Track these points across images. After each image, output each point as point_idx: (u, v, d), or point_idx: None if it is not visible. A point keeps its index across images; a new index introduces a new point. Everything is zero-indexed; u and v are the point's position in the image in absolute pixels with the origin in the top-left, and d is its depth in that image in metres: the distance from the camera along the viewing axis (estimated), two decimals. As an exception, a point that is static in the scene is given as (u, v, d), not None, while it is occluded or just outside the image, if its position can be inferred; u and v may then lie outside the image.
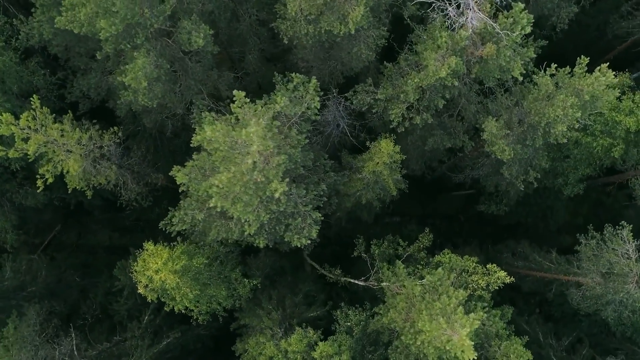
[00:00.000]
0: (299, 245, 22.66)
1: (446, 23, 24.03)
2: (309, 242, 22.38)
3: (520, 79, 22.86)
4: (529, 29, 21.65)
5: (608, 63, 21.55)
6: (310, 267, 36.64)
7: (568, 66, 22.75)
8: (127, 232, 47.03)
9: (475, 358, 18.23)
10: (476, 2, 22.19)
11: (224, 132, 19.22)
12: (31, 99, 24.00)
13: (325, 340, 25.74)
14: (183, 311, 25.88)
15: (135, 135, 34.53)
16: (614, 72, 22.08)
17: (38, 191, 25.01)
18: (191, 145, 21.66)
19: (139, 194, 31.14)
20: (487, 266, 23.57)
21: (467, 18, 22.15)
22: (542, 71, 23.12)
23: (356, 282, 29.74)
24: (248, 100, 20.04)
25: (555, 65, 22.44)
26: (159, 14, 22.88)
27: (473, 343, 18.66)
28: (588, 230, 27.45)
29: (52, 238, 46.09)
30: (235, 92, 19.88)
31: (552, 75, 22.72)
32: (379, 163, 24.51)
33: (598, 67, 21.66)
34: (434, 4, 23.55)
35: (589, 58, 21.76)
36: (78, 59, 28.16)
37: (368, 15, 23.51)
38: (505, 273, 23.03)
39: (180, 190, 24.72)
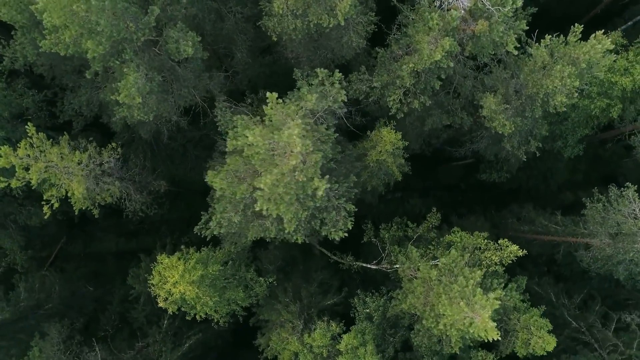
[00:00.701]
0: (337, 238, 22.63)
1: (435, 2, 23.77)
2: (345, 235, 22.36)
3: (515, 53, 22.76)
4: (520, 3, 21.46)
5: (603, 30, 21.41)
6: (320, 253, 37.03)
7: (562, 35, 22.62)
8: (133, 236, 47.15)
9: (500, 337, 18.68)
10: (464, -20, 21.92)
11: (264, 136, 19.04)
12: (26, 126, 23.77)
13: (347, 329, 26.21)
14: (204, 316, 26.26)
15: (130, 144, 34.25)
16: (604, 31, 21.98)
17: (45, 217, 24.94)
18: (226, 150, 21.52)
19: (144, 203, 31.15)
20: (499, 241, 23.89)
21: (457, -3, 21.91)
22: (536, 42, 22.98)
23: (369, 266, 30.12)
24: (280, 100, 19.87)
25: (549, 35, 22.30)
26: (144, 26, 22.46)
27: (495, 324, 19.09)
28: (593, 192, 27.73)
29: (59, 250, 46.15)
30: (268, 94, 19.76)
31: (546, 46, 22.60)
32: (382, 152, 24.53)
33: (593, 35, 21.56)
34: (420, -16, 23.24)
35: (582, 26, 21.62)
36: (65, 77, 27.72)
37: (356, 4, 23.18)
38: (517, 247, 23.37)
39: (213, 196, 24.34)
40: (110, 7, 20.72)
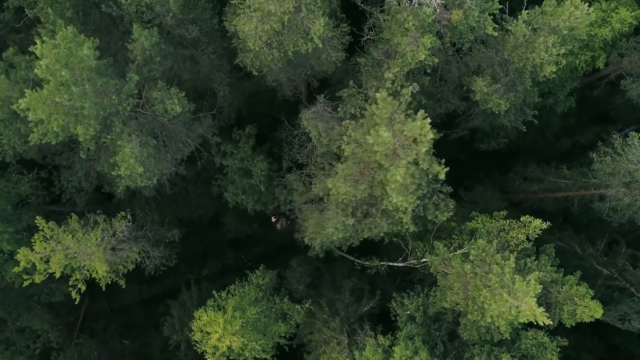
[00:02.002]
0: (443, 220, 23.08)
1: (405, 0, 23.63)
2: (450, 214, 22.83)
3: (495, 34, 22.78)
4: (489, -14, 21.43)
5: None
6: (342, 259, 37.34)
7: (537, 6, 22.63)
8: (154, 281, 47.10)
9: (552, 322, 19.04)
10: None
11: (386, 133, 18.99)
12: (35, 220, 23.71)
13: (389, 331, 26.61)
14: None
15: (132, 200, 34.20)
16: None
17: (76, 302, 25.00)
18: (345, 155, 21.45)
19: (162, 257, 31.18)
20: (521, 219, 24.19)
21: (427, -6, 21.80)
22: (513, 17, 23.01)
23: (396, 264, 30.41)
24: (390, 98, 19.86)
25: (527, 11, 22.32)
26: (126, 95, 22.28)
27: (542, 308, 19.47)
28: (598, 147, 28.02)
29: (85, 312, 46.22)
30: (377, 94, 19.84)
31: (524, 21, 22.62)
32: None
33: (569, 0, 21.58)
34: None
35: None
36: (57, 156, 27.48)
37: (329, 23, 23.03)
38: (540, 220, 23.71)
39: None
40: (91, 89, 20.51)
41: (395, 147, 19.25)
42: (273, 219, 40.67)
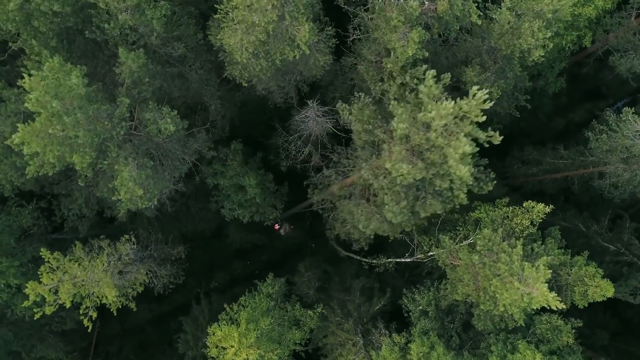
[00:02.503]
0: (489, 190, 22.97)
1: (387, -3, 23.59)
2: (491, 187, 22.81)
3: (480, 22, 22.80)
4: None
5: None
6: (349, 259, 37.38)
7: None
8: (163, 298, 46.94)
9: (565, 306, 19.03)
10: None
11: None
12: (40, 252, 23.68)
13: (404, 327, 26.66)
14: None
15: (133, 220, 34.13)
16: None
17: (88, 331, 24.96)
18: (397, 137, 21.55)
19: (170, 275, 31.14)
20: (524, 204, 24.21)
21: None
22: (497, 6, 23.01)
23: (403, 260, 30.46)
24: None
25: (509, -2, 22.33)
26: (119, 119, 22.23)
27: (555, 293, 19.50)
28: (592, 125, 28.07)
29: (97, 336, 46.14)
30: (428, 73, 20.09)
31: (508, 8, 22.63)
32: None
33: (550, -19, 21.58)
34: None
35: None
36: (56, 187, 27.43)
37: (313, 28, 23.01)
38: (543, 204, 23.74)
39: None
40: (83, 117, 20.46)
41: (449, 123, 19.63)
42: (276, 227, 40.66)
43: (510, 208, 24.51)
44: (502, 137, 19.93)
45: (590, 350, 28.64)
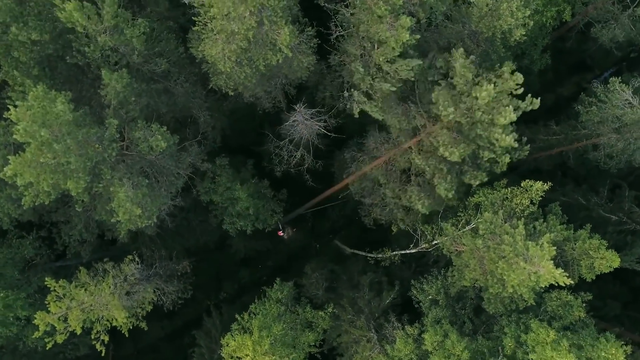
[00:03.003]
0: (524, 156, 24.70)
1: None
2: (526, 153, 24.49)
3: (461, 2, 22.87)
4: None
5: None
6: (353, 255, 37.39)
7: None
8: (174, 314, 46.96)
9: (572, 281, 19.01)
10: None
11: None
12: (45, 281, 23.66)
13: (419, 321, 26.65)
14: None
15: (135, 240, 34.07)
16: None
17: (102, 355, 24.93)
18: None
19: (177, 291, 31.10)
20: (522, 184, 24.21)
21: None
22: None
23: (408, 251, 30.43)
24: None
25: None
26: (109, 141, 22.19)
27: (561, 270, 19.50)
28: (581, 99, 28.05)
29: (112, 358, 45.98)
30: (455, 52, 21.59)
31: (485, -9, 22.65)
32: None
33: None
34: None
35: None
36: (54, 214, 27.38)
37: (293, 30, 22.96)
38: (541, 182, 23.74)
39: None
40: (73, 142, 20.42)
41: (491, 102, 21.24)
42: (280, 233, 40.69)
43: (509, 189, 24.51)
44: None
45: (603, 322, 28.59)
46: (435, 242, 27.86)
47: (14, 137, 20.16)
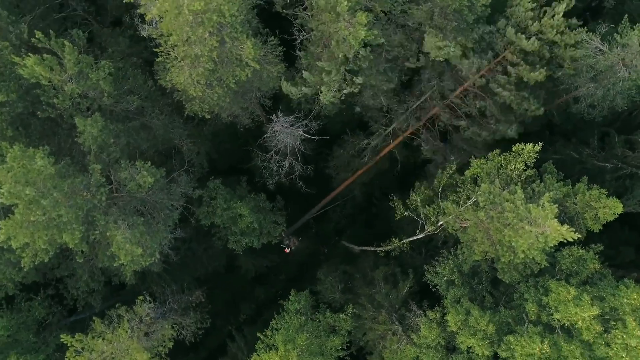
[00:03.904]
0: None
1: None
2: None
3: (418, -11, 22.78)
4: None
5: None
6: (362, 252, 37.25)
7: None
8: (198, 346, 46.29)
9: (580, 235, 18.89)
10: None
11: None
12: (61, 338, 23.45)
13: (439, 304, 26.52)
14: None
15: (143, 279, 33.83)
16: None
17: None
18: None
19: (196, 322, 30.89)
20: (513, 149, 24.10)
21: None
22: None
23: (416, 237, 30.29)
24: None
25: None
26: (96, 187, 22.06)
27: (567, 226, 19.39)
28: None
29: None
30: None
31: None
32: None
33: None
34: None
35: None
36: (57, 270, 27.17)
37: (256, 43, 22.82)
38: (531, 144, 23.65)
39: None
40: (60, 195, 20.26)
41: None
42: (286, 250, 40.68)
43: (502, 156, 24.41)
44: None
45: (620, 270, 28.44)
46: (440, 222, 27.74)
47: (0, 202, 19.99)
